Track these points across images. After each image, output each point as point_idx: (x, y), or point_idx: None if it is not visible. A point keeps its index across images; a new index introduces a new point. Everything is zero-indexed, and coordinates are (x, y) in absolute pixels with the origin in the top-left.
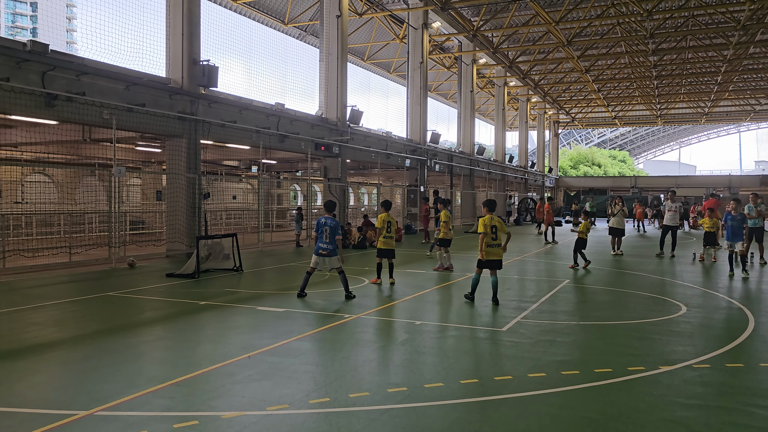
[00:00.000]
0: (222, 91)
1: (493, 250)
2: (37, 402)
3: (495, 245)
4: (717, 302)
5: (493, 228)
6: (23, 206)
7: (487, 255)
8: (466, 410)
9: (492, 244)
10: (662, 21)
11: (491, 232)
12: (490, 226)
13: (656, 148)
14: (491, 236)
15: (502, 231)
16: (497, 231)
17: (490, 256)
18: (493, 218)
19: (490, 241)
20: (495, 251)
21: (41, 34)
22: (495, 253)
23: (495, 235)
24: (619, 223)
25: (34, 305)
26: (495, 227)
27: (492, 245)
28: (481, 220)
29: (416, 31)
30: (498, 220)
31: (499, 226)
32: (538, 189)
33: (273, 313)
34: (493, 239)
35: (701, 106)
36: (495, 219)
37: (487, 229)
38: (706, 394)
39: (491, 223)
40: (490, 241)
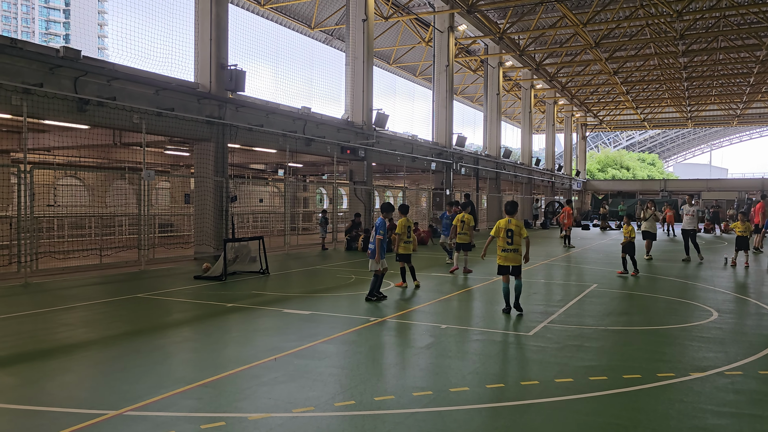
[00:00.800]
0: (249, 95)
1: (509, 255)
2: (67, 401)
3: (510, 250)
4: (749, 308)
5: (509, 232)
6: (55, 209)
7: (503, 260)
8: (491, 415)
9: (507, 248)
10: (693, 22)
11: (506, 236)
12: (504, 230)
13: (686, 150)
14: (506, 240)
15: (520, 235)
16: (513, 235)
17: (506, 261)
18: (510, 221)
19: (504, 245)
20: (511, 256)
21: (74, 41)
22: (511, 258)
23: (510, 239)
24: (652, 227)
25: (66, 306)
26: (510, 231)
27: (507, 250)
28: (497, 224)
29: (442, 34)
30: (517, 223)
31: (516, 230)
32: (566, 192)
33: (299, 315)
34: (509, 243)
35: (733, 108)
36: (512, 222)
37: (500, 232)
38: (739, 401)
39: (506, 227)
40: (505, 246)
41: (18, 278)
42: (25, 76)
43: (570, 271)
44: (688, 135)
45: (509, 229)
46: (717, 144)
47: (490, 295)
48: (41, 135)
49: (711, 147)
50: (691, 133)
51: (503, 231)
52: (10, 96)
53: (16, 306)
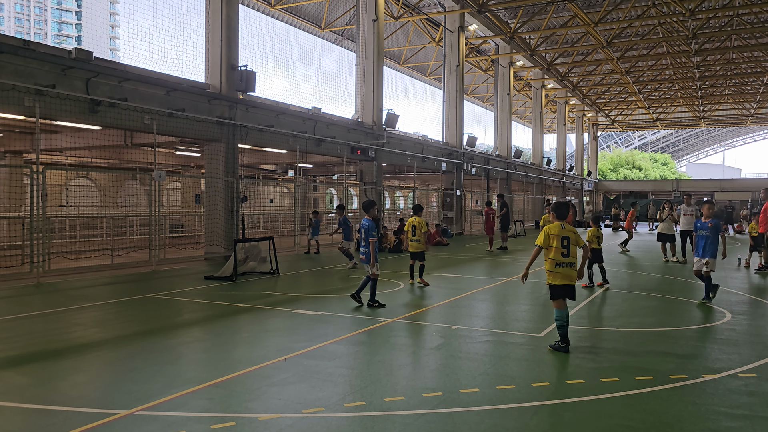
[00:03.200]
0: (259, 95)
1: (566, 271)
2: (79, 401)
3: (567, 264)
4: (763, 309)
5: (564, 240)
6: (67, 209)
7: (559, 278)
8: (502, 416)
9: (563, 262)
10: (705, 21)
11: (561, 245)
12: (558, 238)
13: (699, 150)
14: (561, 251)
15: (577, 244)
16: (569, 244)
17: (563, 280)
18: (564, 227)
19: (559, 258)
20: (568, 273)
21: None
22: (568, 275)
23: (567, 250)
24: (668, 228)
25: (78, 306)
26: (567, 238)
27: (564, 264)
28: (545, 228)
29: (452, 34)
30: (572, 229)
31: (573, 237)
32: (577, 193)
33: (309, 316)
34: (565, 255)
35: (747, 108)
36: (567, 228)
37: (554, 241)
38: (753, 404)
39: (561, 233)
40: (560, 259)
41: (30, 278)
42: (38, 78)
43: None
44: (701, 135)
45: (564, 237)
46: (730, 144)
47: (500, 296)
48: (53, 136)
49: (724, 147)
50: (703, 132)
51: (557, 239)
52: (23, 97)
53: (29, 306)
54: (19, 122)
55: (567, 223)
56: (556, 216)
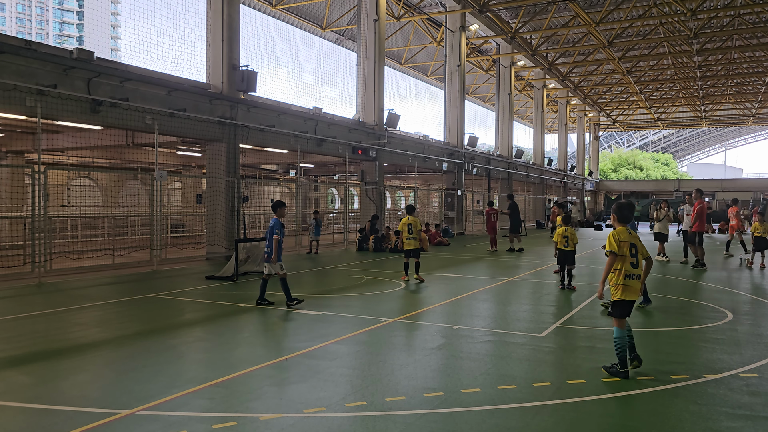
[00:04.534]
0: (261, 95)
1: (635, 284)
2: (81, 400)
3: (635, 275)
4: (765, 309)
5: (633, 247)
6: (69, 209)
7: (627, 292)
8: (503, 416)
9: (633, 273)
10: (707, 20)
11: (630, 254)
12: (628, 244)
13: (701, 150)
14: (631, 260)
15: (643, 254)
16: (637, 253)
17: (630, 295)
18: (630, 232)
19: (630, 269)
20: (635, 285)
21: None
22: (635, 288)
23: (635, 259)
24: (665, 228)
25: (79, 306)
26: (634, 246)
27: (634, 276)
28: (612, 233)
29: (454, 34)
30: (635, 236)
31: (640, 246)
32: (578, 193)
33: (310, 315)
34: (634, 266)
35: (748, 108)
36: (633, 234)
37: (625, 248)
38: (754, 404)
39: (630, 240)
40: (631, 270)
41: (32, 278)
42: (39, 78)
43: (582, 272)
44: (703, 135)
45: (632, 244)
46: (732, 144)
47: (502, 296)
48: (55, 136)
49: (726, 147)
50: (705, 132)
51: (627, 247)
52: (25, 97)
53: (31, 305)
54: (20, 122)
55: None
56: (619, 219)
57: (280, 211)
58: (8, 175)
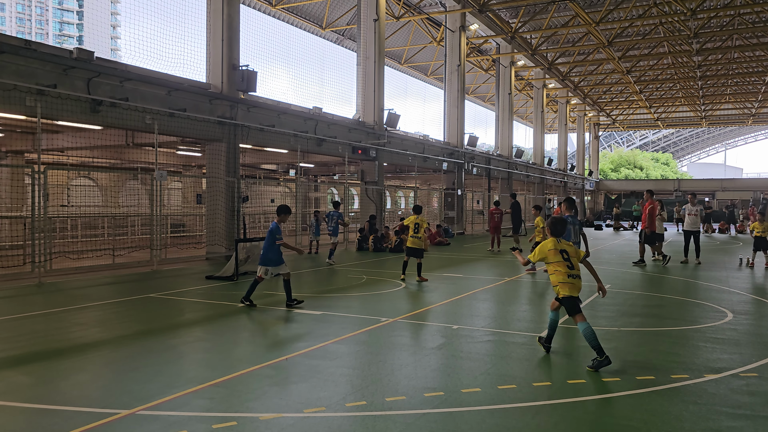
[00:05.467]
0: (261, 95)
1: (576, 282)
2: (80, 400)
3: (574, 275)
4: (765, 309)
5: (564, 253)
6: (69, 209)
7: (569, 290)
8: (503, 416)
9: (572, 274)
10: (707, 20)
11: (562, 258)
12: (555, 251)
13: (701, 150)
14: (566, 264)
15: (576, 257)
16: (569, 257)
17: (573, 292)
18: (559, 241)
19: (567, 270)
20: (576, 283)
21: (87, 42)
22: (577, 286)
23: (569, 262)
24: (659, 227)
25: (79, 306)
26: (565, 252)
27: (573, 276)
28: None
29: (454, 33)
30: (566, 244)
31: (571, 251)
32: (578, 192)
33: (310, 315)
34: (570, 267)
35: (748, 107)
36: (562, 242)
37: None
38: (754, 404)
39: (557, 247)
40: (568, 271)
41: (32, 278)
42: (39, 78)
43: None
44: (703, 134)
45: (563, 250)
46: (732, 143)
47: (502, 295)
48: (55, 136)
49: (725, 146)
50: (705, 132)
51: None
52: (25, 97)
53: (30, 305)
54: (20, 122)
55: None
56: (552, 233)
57: (282, 216)
58: (8, 175)
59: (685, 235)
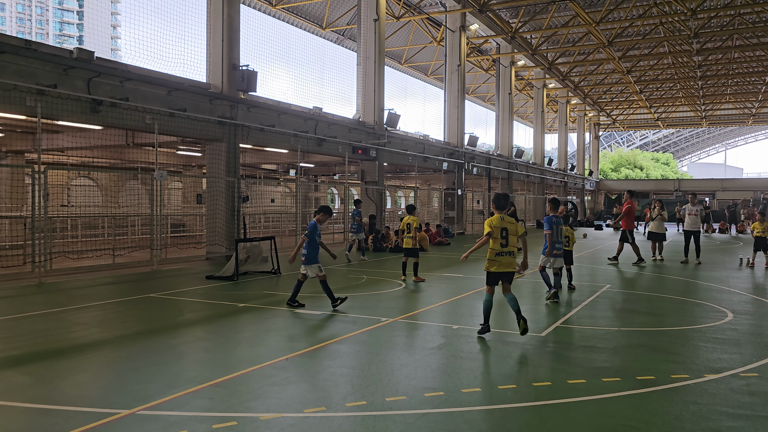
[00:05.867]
0: (261, 95)
1: (504, 259)
2: (81, 400)
3: (506, 253)
4: (765, 309)
5: (503, 231)
6: (69, 209)
7: (496, 266)
8: (503, 416)
9: (502, 251)
10: (707, 20)
11: (500, 236)
12: (499, 228)
13: (701, 150)
14: (501, 241)
15: (515, 234)
16: (508, 235)
17: (500, 267)
18: (503, 218)
19: (498, 248)
20: (507, 260)
21: (87, 42)
22: (507, 263)
23: (505, 240)
24: (659, 227)
25: (79, 306)
26: (505, 229)
27: (502, 253)
28: (487, 220)
29: (454, 33)
30: (510, 220)
31: (512, 228)
32: (578, 192)
33: (310, 315)
34: (503, 245)
35: (748, 107)
36: (506, 219)
37: (495, 231)
38: (754, 404)
39: (501, 225)
40: (499, 248)
41: (32, 278)
42: (40, 78)
43: (582, 272)
44: (703, 134)
45: (503, 228)
46: (732, 143)
47: (502, 296)
48: (55, 136)
49: (726, 146)
50: (705, 132)
51: (497, 230)
52: (25, 97)
53: (30, 305)
54: (20, 122)
55: (507, 215)
56: (496, 208)
57: (322, 216)
58: (8, 175)
59: (686, 235)
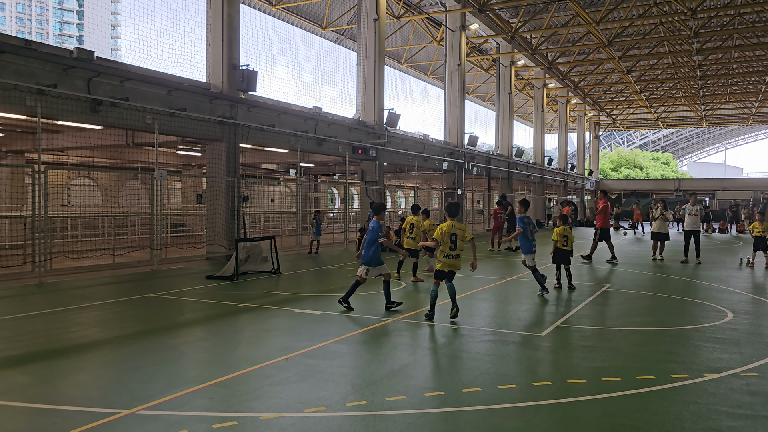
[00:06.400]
0: (261, 95)
1: (451, 261)
2: (81, 400)
3: (453, 255)
4: (765, 309)
5: (453, 236)
6: (69, 209)
7: (443, 266)
8: (503, 416)
9: (450, 254)
10: (707, 20)
11: (450, 240)
12: (449, 234)
13: (701, 150)
14: (450, 245)
15: (463, 239)
16: (457, 240)
17: (448, 267)
18: (453, 225)
19: (447, 251)
20: (453, 262)
21: (87, 42)
22: (453, 264)
23: (454, 244)
24: (661, 227)
25: (79, 306)
26: (454, 235)
27: (450, 255)
28: (439, 227)
29: (454, 33)
30: (460, 226)
31: (460, 234)
32: (578, 192)
33: (310, 315)
34: (452, 249)
35: (748, 107)
36: (456, 226)
37: (445, 237)
38: (754, 403)
39: (450, 231)
40: (448, 251)
41: (32, 278)
42: (39, 77)
43: (582, 271)
44: (703, 134)
45: (453, 234)
46: (732, 143)
47: (502, 295)
48: (55, 136)
49: (726, 146)
50: (705, 132)
51: (447, 236)
52: (25, 97)
53: (30, 305)
54: (20, 122)
55: (456, 221)
56: (448, 215)
57: (382, 214)
58: (8, 175)
59: (686, 235)
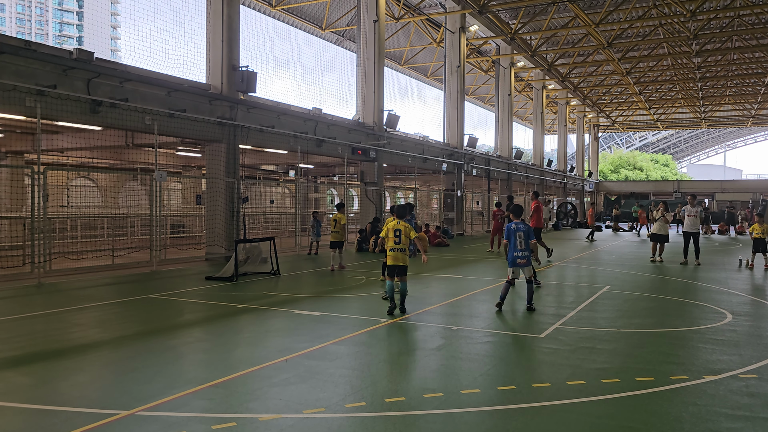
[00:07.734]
0: (260, 96)
1: (397, 255)
2: (80, 401)
3: (398, 249)
4: (764, 310)
5: (397, 231)
6: (68, 210)
7: (390, 260)
8: (503, 417)
9: (395, 248)
10: (706, 22)
11: (394, 235)
12: (393, 229)
13: (700, 151)
14: (394, 239)
15: (408, 236)
16: (401, 235)
17: (393, 261)
18: (399, 222)
19: (392, 245)
20: (399, 255)
21: (87, 42)
22: (400, 258)
23: (398, 239)
24: (661, 228)
25: (79, 306)
26: (399, 230)
27: (395, 249)
28: (385, 224)
29: (453, 35)
30: (406, 225)
31: (405, 230)
32: (578, 193)
33: (310, 316)
34: (396, 243)
35: (748, 109)
36: (401, 223)
37: (389, 232)
38: (753, 405)
39: (395, 227)
40: (392, 245)
41: (32, 278)
42: (39, 78)
43: (582, 273)
44: (702, 136)
45: (397, 229)
46: (731, 145)
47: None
48: (55, 136)
49: (725, 148)
50: (704, 133)
51: (391, 231)
52: (24, 98)
53: (30, 306)
54: (20, 123)
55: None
56: (396, 216)
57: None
58: (8, 176)
59: (685, 237)
